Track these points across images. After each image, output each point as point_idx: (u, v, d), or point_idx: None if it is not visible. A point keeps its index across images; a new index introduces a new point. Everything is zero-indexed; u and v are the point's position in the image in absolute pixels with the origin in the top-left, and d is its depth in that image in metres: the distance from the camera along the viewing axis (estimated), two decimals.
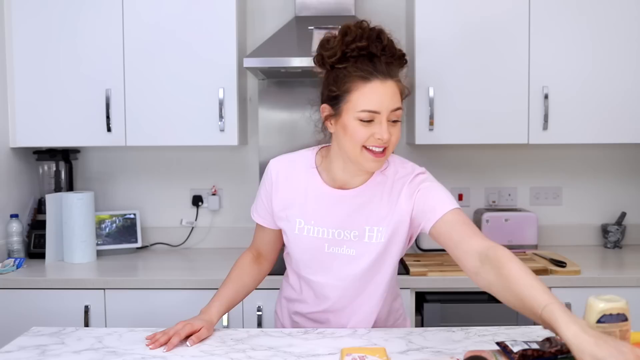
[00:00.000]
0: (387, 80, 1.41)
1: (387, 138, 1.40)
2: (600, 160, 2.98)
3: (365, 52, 1.40)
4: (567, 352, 1.26)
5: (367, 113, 1.39)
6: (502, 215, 2.76)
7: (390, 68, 1.42)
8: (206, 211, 2.99)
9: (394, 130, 1.43)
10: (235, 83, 2.61)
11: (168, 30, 2.60)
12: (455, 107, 2.61)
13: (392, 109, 1.41)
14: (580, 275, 2.34)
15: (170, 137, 2.63)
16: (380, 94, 1.39)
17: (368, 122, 1.40)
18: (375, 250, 1.53)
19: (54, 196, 2.64)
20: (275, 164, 1.60)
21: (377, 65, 1.40)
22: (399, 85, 1.44)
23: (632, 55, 2.58)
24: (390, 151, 1.46)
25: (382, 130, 1.39)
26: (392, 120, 1.42)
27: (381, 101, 1.39)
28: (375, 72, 1.40)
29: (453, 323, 2.27)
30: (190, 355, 1.39)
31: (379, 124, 1.40)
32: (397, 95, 1.42)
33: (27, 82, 2.63)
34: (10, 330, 1.92)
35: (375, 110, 1.39)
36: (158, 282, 2.35)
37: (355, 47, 1.39)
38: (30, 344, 1.47)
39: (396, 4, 2.91)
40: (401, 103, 1.44)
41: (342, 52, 1.41)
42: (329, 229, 1.53)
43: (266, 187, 1.61)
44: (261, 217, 1.65)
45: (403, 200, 1.51)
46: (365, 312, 1.60)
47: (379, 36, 1.41)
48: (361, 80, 1.40)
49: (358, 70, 1.40)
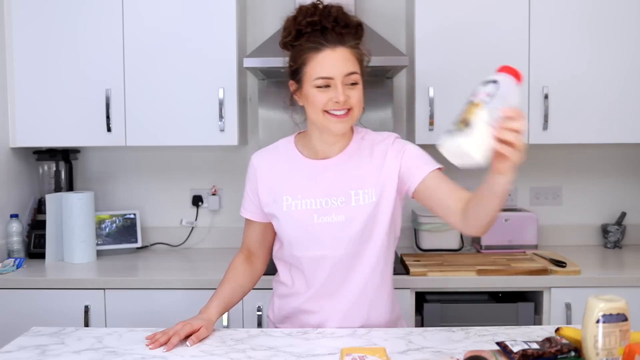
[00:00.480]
0: (337, 47, 1.50)
1: (342, 99, 1.49)
2: (600, 160, 2.98)
3: (317, 27, 1.51)
4: (567, 352, 1.26)
5: (321, 80, 1.50)
6: (502, 215, 2.76)
7: (342, 37, 1.52)
8: (206, 211, 2.99)
9: (353, 92, 1.52)
10: (235, 83, 2.61)
11: (168, 30, 2.60)
12: (455, 107, 2.56)
13: (345, 73, 1.50)
14: (580, 275, 2.34)
15: (170, 137, 2.63)
16: (331, 60, 1.50)
17: (325, 87, 1.51)
18: (365, 212, 1.57)
19: (54, 196, 2.64)
20: (257, 157, 1.69)
21: (327, 36, 1.51)
22: (354, 52, 1.53)
23: (632, 56, 2.58)
24: (357, 112, 1.54)
25: (338, 93, 1.49)
26: (350, 84, 1.51)
27: (333, 67, 1.50)
28: (325, 42, 1.50)
29: (453, 323, 2.27)
30: (190, 355, 1.39)
31: (335, 88, 1.50)
32: (350, 60, 1.52)
33: (27, 82, 2.63)
34: (10, 330, 1.91)
35: (328, 76, 1.50)
36: (158, 282, 2.35)
37: (306, 22, 1.51)
38: (30, 344, 1.47)
39: (396, 4, 2.91)
40: (359, 68, 1.54)
41: (296, 30, 1.53)
42: (315, 199, 1.58)
43: (251, 181, 1.67)
44: (249, 211, 1.69)
45: (390, 160, 1.60)
46: (358, 289, 1.59)
47: (329, 11, 1.52)
48: (314, 52, 1.51)
49: (309, 43, 1.51)
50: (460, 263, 2.47)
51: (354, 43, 1.54)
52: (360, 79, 1.54)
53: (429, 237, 2.73)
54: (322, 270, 1.60)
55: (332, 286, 1.61)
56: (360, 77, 1.54)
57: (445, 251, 2.72)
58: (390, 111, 2.92)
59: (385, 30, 2.87)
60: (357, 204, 1.57)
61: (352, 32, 1.54)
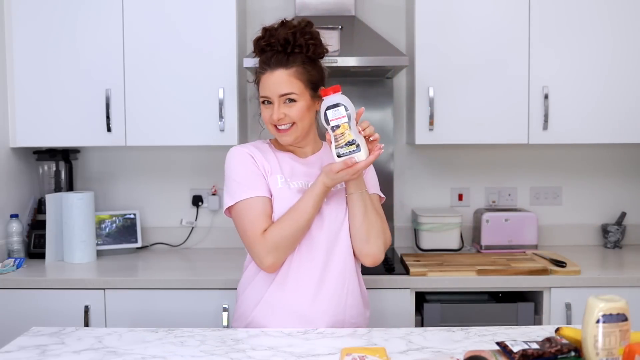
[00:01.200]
0: (275, 70, 1.66)
1: (275, 118, 1.67)
2: (600, 160, 2.98)
3: (267, 49, 1.69)
4: (567, 352, 1.26)
5: (262, 98, 1.71)
6: (502, 215, 2.76)
7: (287, 59, 1.67)
8: (206, 211, 2.99)
9: (290, 109, 1.67)
10: (235, 83, 2.61)
11: (168, 30, 2.60)
12: (455, 107, 2.61)
13: (279, 94, 1.67)
14: (580, 275, 2.34)
15: (170, 137, 2.63)
16: (269, 83, 1.67)
17: (268, 104, 1.70)
18: (342, 196, 1.72)
19: (54, 196, 2.64)
20: (240, 147, 1.77)
21: (272, 59, 1.67)
22: (296, 72, 1.67)
23: (632, 55, 2.58)
24: (300, 126, 1.69)
25: (273, 112, 1.68)
26: (287, 101, 1.67)
27: (269, 88, 1.68)
28: (266, 66, 1.68)
29: (453, 323, 2.27)
30: (190, 355, 1.39)
31: (272, 105, 1.68)
32: (287, 82, 1.66)
33: (27, 82, 2.63)
34: (10, 330, 1.92)
35: (266, 96, 1.69)
36: (158, 282, 2.35)
37: (261, 45, 1.70)
38: (30, 344, 1.47)
39: (396, 4, 2.91)
40: (301, 86, 1.67)
41: (259, 50, 1.72)
42: (302, 181, 1.73)
43: (249, 165, 1.71)
44: (260, 188, 1.68)
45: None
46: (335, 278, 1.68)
47: (279, 34, 1.67)
48: (260, 73, 1.70)
49: (260, 64, 1.71)
50: (460, 263, 2.47)
51: (299, 64, 1.67)
52: (300, 97, 1.67)
53: (429, 237, 2.73)
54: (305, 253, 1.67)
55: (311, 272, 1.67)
56: (301, 95, 1.67)
57: (445, 251, 2.72)
58: (390, 111, 2.92)
59: (385, 31, 2.87)
60: (335, 189, 1.72)
61: (303, 52, 1.68)
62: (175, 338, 1.51)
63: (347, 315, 1.70)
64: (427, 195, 2.98)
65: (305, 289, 1.67)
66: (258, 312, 1.69)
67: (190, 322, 2.26)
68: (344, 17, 2.69)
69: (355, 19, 2.71)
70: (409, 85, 2.82)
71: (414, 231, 2.82)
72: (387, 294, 2.31)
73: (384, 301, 2.28)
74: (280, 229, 1.63)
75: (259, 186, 1.69)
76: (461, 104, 2.61)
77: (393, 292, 2.32)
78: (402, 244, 2.91)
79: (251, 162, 1.71)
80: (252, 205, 1.67)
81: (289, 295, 1.67)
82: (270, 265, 1.65)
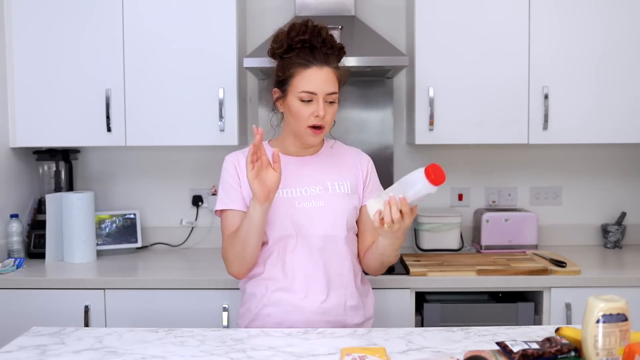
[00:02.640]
0: (323, 67, 1.65)
1: (322, 114, 1.64)
2: (600, 160, 2.99)
3: (307, 44, 1.65)
4: (567, 352, 1.26)
5: (306, 94, 1.65)
6: (502, 215, 2.76)
7: (328, 57, 1.67)
8: (206, 211, 2.99)
9: (330, 109, 1.67)
10: (235, 83, 2.61)
11: (168, 30, 2.60)
12: (455, 107, 2.61)
13: (327, 92, 1.65)
14: (580, 275, 2.34)
15: (170, 137, 2.63)
16: (317, 78, 1.64)
17: (308, 102, 1.65)
18: (342, 198, 1.73)
19: (54, 196, 2.64)
20: (233, 155, 1.78)
21: (315, 55, 1.65)
22: (336, 73, 1.68)
23: (632, 55, 2.58)
24: (328, 129, 1.70)
25: (319, 108, 1.64)
26: (328, 102, 1.66)
27: (318, 84, 1.64)
28: (313, 60, 1.65)
29: (453, 323, 2.27)
30: (190, 355, 1.39)
31: (316, 103, 1.64)
32: (332, 80, 1.66)
33: (27, 82, 2.63)
34: (10, 330, 1.92)
35: (313, 91, 1.64)
36: (158, 282, 2.35)
37: (298, 39, 1.65)
38: (30, 344, 1.47)
39: (396, 3, 2.91)
40: (338, 88, 1.69)
41: (287, 44, 1.66)
42: (296, 189, 1.72)
43: (231, 175, 1.74)
44: (234, 201, 1.72)
45: (362, 165, 1.81)
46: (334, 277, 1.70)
47: (319, 32, 1.66)
48: (302, 67, 1.65)
49: (299, 59, 1.65)
50: (460, 263, 2.47)
51: (336, 64, 1.69)
52: (337, 99, 1.69)
53: (429, 237, 2.73)
54: (301, 255, 1.68)
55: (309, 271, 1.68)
56: (337, 96, 1.69)
57: (445, 251, 2.72)
58: (390, 111, 2.92)
59: (385, 31, 2.87)
60: (334, 192, 1.73)
61: (336, 54, 1.69)
62: (175, 338, 1.51)
63: (348, 315, 1.71)
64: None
65: (305, 287, 1.67)
66: (262, 309, 1.70)
67: (190, 322, 2.26)
68: (344, 17, 2.69)
69: (355, 19, 2.71)
70: (409, 85, 2.82)
71: (414, 231, 2.82)
72: (387, 294, 2.31)
73: (384, 301, 2.28)
74: (230, 244, 1.69)
75: (232, 199, 1.72)
76: (461, 104, 2.61)
77: (393, 292, 2.32)
78: (402, 244, 2.90)
79: (234, 172, 1.74)
80: (226, 216, 1.74)
81: (290, 296, 1.68)
82: (235, 274, 1.72)
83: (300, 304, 1.67)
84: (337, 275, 1.70)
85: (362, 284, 1.80)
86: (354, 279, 1.74)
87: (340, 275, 1.71)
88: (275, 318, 1.68)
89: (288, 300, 1.67)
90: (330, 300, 1.68)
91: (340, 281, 1.71)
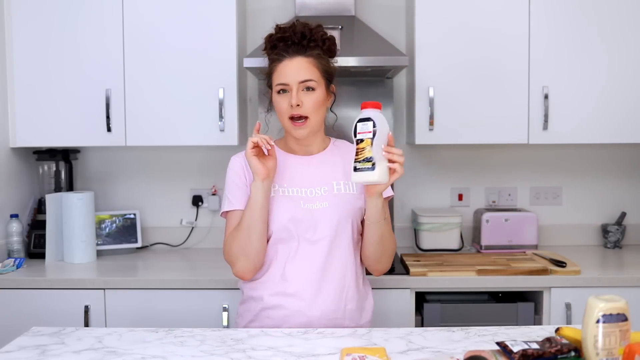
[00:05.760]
0: (295, 57, 1.67)
1: (294, 102, 1.64)
2: (600, 160, 2.99)
3: (282, 42, 1.69)
4: (567, 352, 1.26)
5: (280, 85, 1.68)
6: (502, 215, 2.76)
7: (304, 49, 1.68)
8: (206, 211, 2.99)
9: (307, 97, 1.67)
10: (235, 83, 2.61)
11: (168, 30, 2.60)
12: (455, 106, 2.61)
13: (299, 80, 1.66)
14: (580, 275, 2.34)
15: (170, 137, 2.63)
16: (288, 69, 1.67)
17: (284, 92, 1.68)
18: (346, 199, 1.71)
19: (54, 196, 2.64)
20: (239, 156, 1.77)
21: (290, 49, 1.68)
22: (314, 61, 1.69)
23: (632, 55, 2.58)
24: (313, 119, 1.68)
25: (292, 97, 1.65)
26: (304, 90, 1.67)
27: (288, 74, 1.66)
28: (285, 54, 1.68)
29: (453, 323, 2.27)
30: (191, 355, 1.39)
31: (291, 93, 1.66)
32: (307, 68, 1.67)
33: (27, 82, 2.63)
34: (10, 330, 1.92)
35: (285, 82, 1.67)
36: (158, 282, 2.35)
37: (276, 38, 1.70)
38: (30, 344, 1.47)
39: (396, 3, 2.91)
40: (319, 76, 1.69)
41: (270, 45, 1.72)
42: (301, 189, 1.71)
43: (237, 174, 1.74)
44: (240, 201, 1.71)
45: None
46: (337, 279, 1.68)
47: (295, 28, 1.69)
48: (277, 62, 1.69)
49: (274, 55, 1.71)
50: (460, 263, 2.47)
51: (317, 54, 1.69)
52: (318, 86, 1.68)
53: (429, 237, 2.73)
54: (304, 260, 1.67)
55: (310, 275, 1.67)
56: (318, 84, 1.68)
57: (445, 251, 2.72)
58: (390, 111, 2.92)
59: (385, 31, 2.87)
60: (339, 192, 1.72)
61: (318, 45, 1.70)
62: (175, 338, 1.51)
63: (347, 318, 1.70)
64: (427, 195, 2.98)
65: (305, 291, 1.67)
66: (262, 312, 1.70)
67: (190, 322, 2.26)
68: (344, 17, 2.69)
69: (355, 19, 2.71)
70: (409, 85, 2.82)
71: (414, 231, 2.82)
72: (387, 294, 2.31)
73: (384, 301, 2.28)
74: (234, 238, 1.67)
75: (239, 199, 1.72)
76: (461, 104, 2.61)
77: (393, 292, 2.32)
78: (402, 244, 2.91)
79: (241, 173, 1.74)
80: (232, 216, 1.73)
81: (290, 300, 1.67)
82: (241, 272, 1.70)
83: (299, 309, 1.66)
84: (337, 278, 1.69)
85: (363, 286, 1.78)
86: (355, 281, 1.73)
87: (341, 279, 1.69)
88: (274, 321, 1.68)
89: (287, 305, 1.67)
90: (329, 304, 1.67)
91: (341, 285, 1.69)
